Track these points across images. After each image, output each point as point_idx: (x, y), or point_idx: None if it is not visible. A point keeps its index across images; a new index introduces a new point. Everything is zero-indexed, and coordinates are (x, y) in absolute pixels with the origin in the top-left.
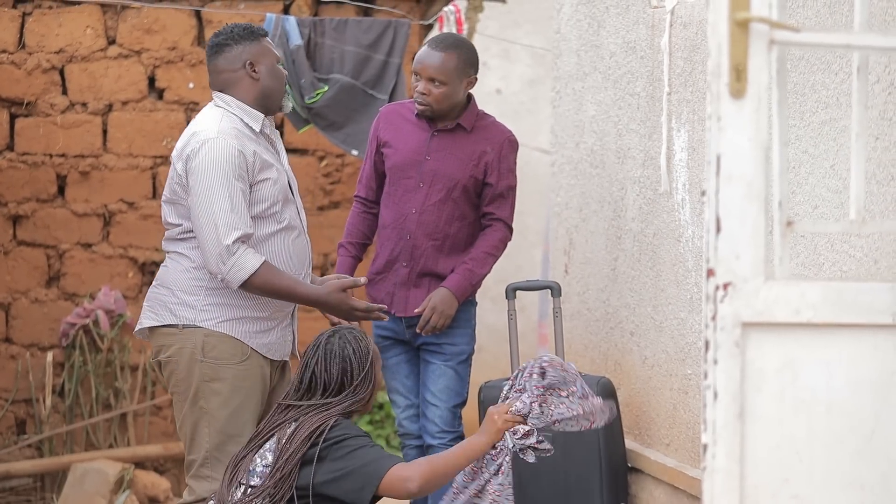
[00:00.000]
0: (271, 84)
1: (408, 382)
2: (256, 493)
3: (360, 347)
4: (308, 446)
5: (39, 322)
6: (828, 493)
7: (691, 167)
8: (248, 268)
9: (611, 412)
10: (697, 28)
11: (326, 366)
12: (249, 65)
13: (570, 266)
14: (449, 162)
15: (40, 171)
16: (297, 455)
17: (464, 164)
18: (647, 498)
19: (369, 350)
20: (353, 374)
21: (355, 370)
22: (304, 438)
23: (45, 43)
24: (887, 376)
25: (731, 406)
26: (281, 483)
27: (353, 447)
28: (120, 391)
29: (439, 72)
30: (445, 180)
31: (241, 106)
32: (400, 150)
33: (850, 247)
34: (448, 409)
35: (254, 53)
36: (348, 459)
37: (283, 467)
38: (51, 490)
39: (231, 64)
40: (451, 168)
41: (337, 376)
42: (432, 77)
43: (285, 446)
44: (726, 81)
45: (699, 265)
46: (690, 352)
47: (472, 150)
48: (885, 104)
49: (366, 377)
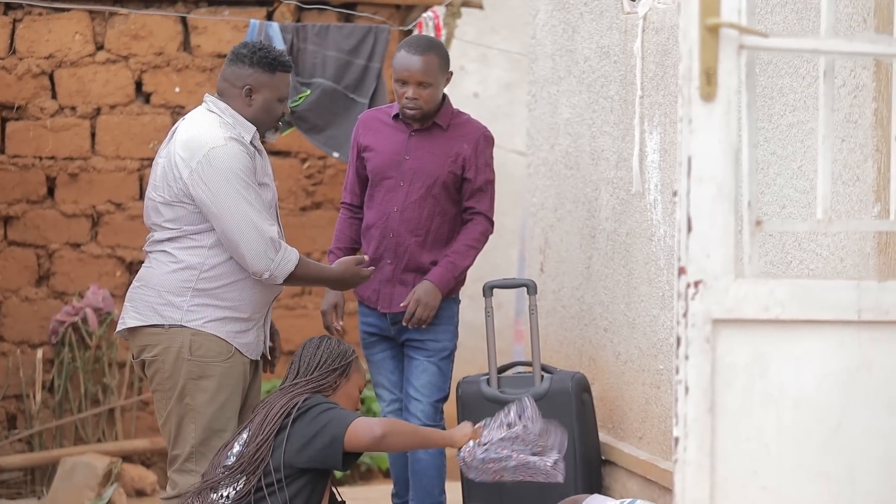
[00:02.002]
0: (260, 116)
1: (392, 378)
2: (232, 470)
3: (339, 348)
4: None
5: (30, 320)
6: (795, 484)
7: (663, 168)
8: (293, 259)
9: (561, 472)
10: (669, 33)
11: (305, 355)
12: (248, 89)
13: (545, 264)
14: (427, 160)
15: (30, 173)
16: (270, 429)
17: (442, 161)
18: (620, 489)
19: (346, 352)
20: (325, 363)
21: (327, 360)
22: (275, 414)
23: (35, 48)
24: (853, 371)
25: (702, 400)
26: (254, 457)
27: (317, 413)
28: (108, 387)
29: (426, 74)
30: (425, 178)
31: (234, 115)
32: (380, 152)
33: (817, 245)
34: (430, 404)
35: (259, 82)
36: (313, 424)
37: (256, 441)
38: (41, 483)
39: (235, 78)
40: (430, 166)
41: (310, 362)
42: (420, 81)
43: (259, 424)
44: (697, 85)
45: (671, 263)
46: (662, 348)
47: (450, 148)
48: (851, 107)
49: (335, 370)
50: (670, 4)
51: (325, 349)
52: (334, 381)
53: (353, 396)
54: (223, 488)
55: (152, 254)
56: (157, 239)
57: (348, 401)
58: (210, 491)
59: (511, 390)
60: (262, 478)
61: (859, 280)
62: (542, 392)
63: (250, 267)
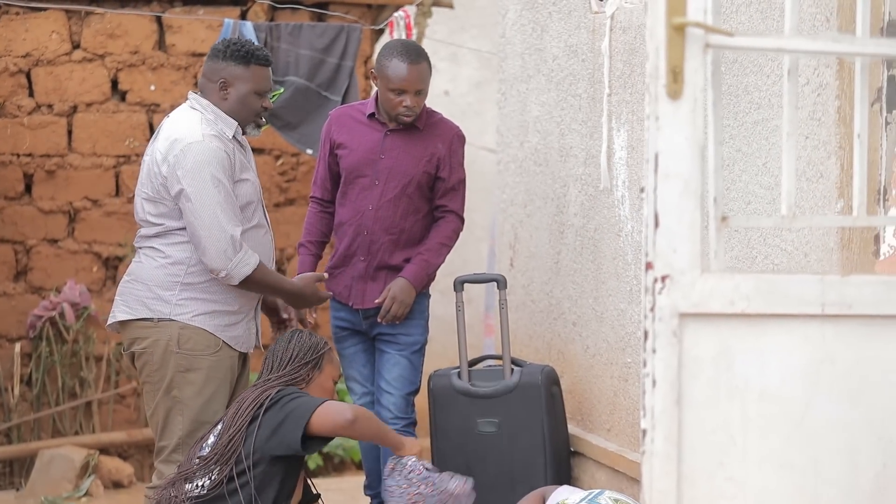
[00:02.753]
0: (236, 109)
1: (364, 371)
2: (206, 460)
3: (310, 341)
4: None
5: (8, 314)
6: (760, 475)
7: (630, 165)
8: (251, 263)
9: None
10: (636, 32)
11: (277, 350)
12: (223, 83)
13: (515, 260)
14: (403, 159)
15: (8, 170)
16: (242, 420)
17: (417, 160)
18: (588, 480)
19: (317, 345)
20: (297, 357)
21: (299, 354)
22: (247, 406)
23: (12, 47)
24: (816, 364)
25: (669, 393)
26: (227, 448)
27: (286, 401)
28: (85, 380)
29: (423, 82)
30: (400, 177)
31: (215, 111)
32: (355, 150)
33: (782, 241)
34: (402, 397)
35: (232, 75)
36: (281, 411)
37: (229, 433)
38: (19, 475)
39: (211, 73)
40: (405, 165)
41: (283, 357)
42: (419, 90)
43: (232, 416)
44: (664, 83)
45: (638, 258)
46: (630, 341)
47: (425, 148)
48: (815, 105)
49: (307, 363)
50: (637, 4)
51: (296, 343)
52: (307, 373)
53: (328, 387)
54: (198, 479)
55: (142, 249)
56: (144, 235)
57: (323, 392)
58: (185, 481)
59: (481, 383)
60: (234, 467)
61: (823, 275)
62: (512, 385)
63: (209, 263)
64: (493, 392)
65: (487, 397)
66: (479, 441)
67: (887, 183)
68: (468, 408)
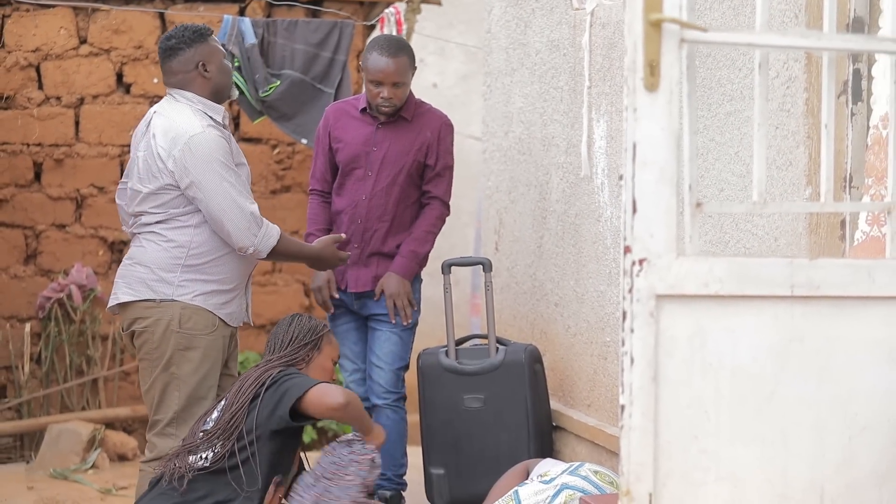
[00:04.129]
0: (221, 80)
1: (355, 349)
2: (210, 434)
3: (309, 324)
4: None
5: (18, 296)
6: (732, 447)
7: (610, 154)
8: (275, 234)
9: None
10: (615, 28)
11: (278, 332)
12: (202, 65)
13: (500, 244)
14: (394, 151)
15: (18, 158)
16: (244, 398)
17: (407, 150)
18: (570, 454)
19: (318, 329)
20: (296, 339)
21: (298, 336)
22: (249, 385)
23: (22, 42)
24: (785, 343)
25: (647, 370)
26: (229, 423)
27: (285, 381)
28: (91, 358)
29: (399, 75)
30: (391, 167)
31: (202, 101)
32: (349, 143)
33: (753, 226)
34: (392, 372)
35: (204, 54)
36: (280, 390)
37: (231, 409)
38: (29, 448)
39: (185, 66)
40: (397, 156)
41: (283, 339)
42: (395, 82)
43: (234, 393)
44: (641, 76)
45: (617, 242)
46: (609, 321)
47: (415, 137)
48: (784, 97)
49: (306, 344)
50: (616, 1)
51: (296, 326)
52: (306, 354)
53: (327, 368)
54: (201, 451)
55: (142, 235)
56: (145, 222)
57: (322, 372)
58: (188, 454)
59: (468, 361)
60: (236, 442)
61: (792, 258)
62: (497, 363)
63: (236, 243)
64: (479, 369)
65: (474, 374)
66: (466, 416)
67: (853, 171)
68: (455, 384)
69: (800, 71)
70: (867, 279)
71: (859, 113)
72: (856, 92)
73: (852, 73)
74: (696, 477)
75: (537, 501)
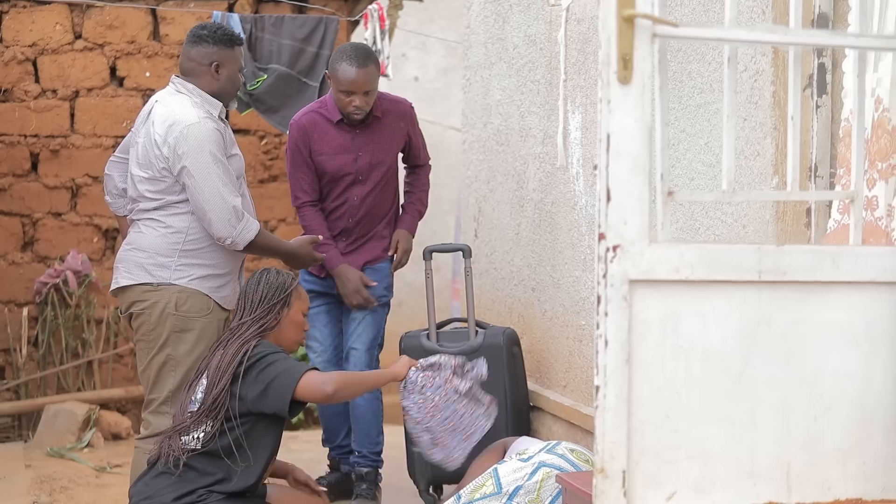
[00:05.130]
0: (227, 87)
1: (325, 331)
2: (198, 414)
3: (277, 280)
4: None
5: (16, 282)
6: (703, 427)
7: (584, 144)
8: (254, 229)
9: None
10: (590, 23)
11: (248, 291)
12: (216, 66)
13: (479, 231)
14: (378, 152)
15: (16, 149)
16: (227, 373)
17: (389, 148)
18: (546, 433)
19: (284, 284)
20: (266, 299)
21: (268, 294)
22: (228, 360)
23: (19, 38)
24: (753, 326)
25: (620, 353)
26: (213, 405)
27: (268, 363)
28: (87, 341)
29: (370, 84)
30: (379, 168)
31: (201, 94)
32: (333, 155)
33: (722, 213)
34: (365, 352)
35: (223, 58)
36: (266, 374)
37: (213, 392)
38: (27, 428)
39: (202, 59)
40: (381, 156)
41: (253, 298)
42: (366, 90)
43: (215, 370)
44: (615, 70)
45: (592, 230)
46: (584, 305)
47: (392, 131)
48: (752, 90)
49: (276, 304)
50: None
51: (265, 284)
52: (277, 314)
53: (298, 321)
54: (192, 432)
55: (140, 221)
56: (143, 208)
57: (294, 326)
58: (180, 435)
59: (448, 344)
60: (225, 423)
61: (760, 245)
62: (477, 345)
63: (216, 233)
64: (459, 352)
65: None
66: None
67: (818, 161)
68: None
69: (767, 65)
70: (831, 265)
71: (824, 105)
72: (820, 85)
73: (817, 66)
74: (668, 455)
75: (515, 479)
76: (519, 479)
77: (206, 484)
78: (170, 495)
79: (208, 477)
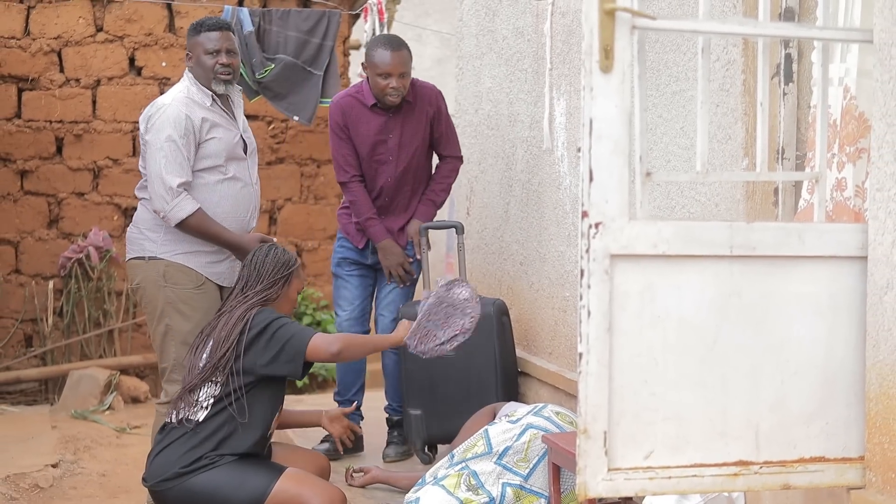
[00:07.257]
0: (198, 71)
1: (355, 292)
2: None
3: (284, 257)
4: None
5: (42, 256)
6: (678, 391)
7: (569, 129)
8: (186, 209)
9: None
10: (573, 16)
11: (252, 264)
12: (188, 55)
13: (471, 209)
14: (408, 134)
15: (42, 134)
16: (231, 336)
17: (418, 130)
18: (533, 396)
19: (289, 262)
20: (271, 273)
21: (273, 270)
22: (234, 323)
23: (45, 30)
24: (725, 297)
25: (602, 322)
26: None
27: (275, 328)
28: (107, 312)
29: (406, 66)
30: (408, 149)
31: (195, 82)
32: (368, 135)
33: (697, 193)
34: (391, 321)
35: (191, 45)
36: (275, 341)
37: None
38: (53, 392)
39: (187, 50)
40: (411, 138)
41: (260, 271)
42: (403, 73)
43: (220, 330)
44: (597, 59)
45: (575, 208)
46: (568, 278)
47: (421, 116)
48: (724, 78)
49: (278, 280)
50: None
51: (272, 259)
52: (280, 287)
53: (292, 298)
54: (203, 389)
55: (140, 199)
56: (141, 186)
57: (288, 302)
58: (189, 393)
59: None
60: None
61: (731, 222)
62: None
63: (152, 205)
64: None
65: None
66: (441, 363)
67: (785, 144)
68: None
69: (738, 55)
70: (797, 241)
71: (790, 93)
72: (787, 74)
73: (784, 57)
74: (646, 417)
75: (505, 439)
76: (508, 439)
77: (213, 447)
78: (180, 462)
79: (218, 433)
